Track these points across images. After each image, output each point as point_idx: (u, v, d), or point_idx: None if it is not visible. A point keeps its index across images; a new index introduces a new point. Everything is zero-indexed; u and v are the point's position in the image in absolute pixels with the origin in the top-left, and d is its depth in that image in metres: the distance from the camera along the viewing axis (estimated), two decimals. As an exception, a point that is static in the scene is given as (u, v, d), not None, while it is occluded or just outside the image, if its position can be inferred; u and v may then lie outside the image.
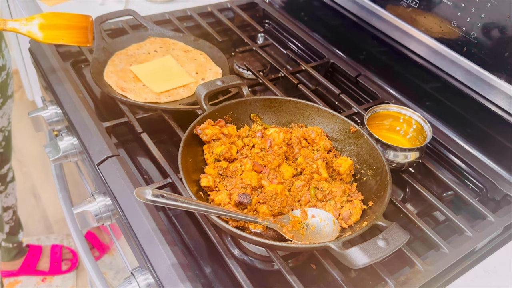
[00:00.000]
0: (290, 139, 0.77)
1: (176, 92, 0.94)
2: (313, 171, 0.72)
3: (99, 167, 0.77)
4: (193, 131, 0.73)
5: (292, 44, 1.25)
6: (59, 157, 0.89)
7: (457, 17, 0.87)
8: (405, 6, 0.97)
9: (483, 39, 0.84)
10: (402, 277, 0.65)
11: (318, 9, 1.23)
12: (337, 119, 0.80)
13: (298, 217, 0.66)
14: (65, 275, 1.77)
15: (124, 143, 0.90)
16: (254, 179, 0.68)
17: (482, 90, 0.88)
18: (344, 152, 0.79)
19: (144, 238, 0.66)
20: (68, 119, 0.87)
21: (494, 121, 0.88)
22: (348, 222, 0.67)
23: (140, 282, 0.67)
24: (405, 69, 1.05)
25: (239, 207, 0.66)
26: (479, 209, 0.77)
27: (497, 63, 0.83)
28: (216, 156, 0.73)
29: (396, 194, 0.87)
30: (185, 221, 0.77)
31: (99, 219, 0.76)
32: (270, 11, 1.28)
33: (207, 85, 0.78)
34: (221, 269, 0.70)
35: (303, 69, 1.08)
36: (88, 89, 1.00)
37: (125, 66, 0.98)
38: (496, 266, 0.73)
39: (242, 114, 0.81)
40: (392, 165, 0.80)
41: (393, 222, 0.60)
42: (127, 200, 0.71)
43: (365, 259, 0.54)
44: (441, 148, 0.92)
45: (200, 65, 1.03)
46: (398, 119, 0.87)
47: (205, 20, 1.19)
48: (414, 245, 0.77)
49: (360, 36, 1.13)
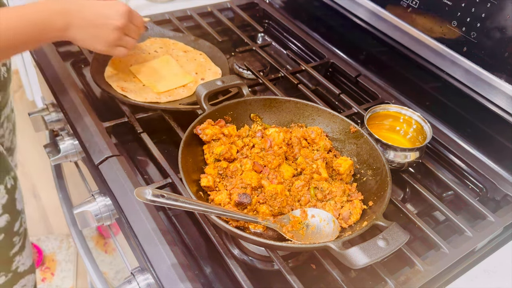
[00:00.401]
0: (290, 139, 0.77)
1: (176, 92, 0.94)
2: (313, 171, 0.72)
3: (99, 167, 0.77)
4: (193, 131, 0.73)
5: (292, 44, 1.25)
6: (59, 157, 0.89)
7: (457, 17, 0.87)
8: (405, 6, 0.97)
9: (483, 39, 0.84)
10: (402, 277, 0.65)
11: (318, 9, 1.23)
12: (337, 119, 0.80)
13: (298, 217, 0.66)
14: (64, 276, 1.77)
15: (124, 143, 0.90)
16: (254, 179, 0.68)
17: (482, 90, 0.88)
18: (344, 152, 0.79)
19: (144, 238, 0.66)
20: (68, 119, 0.87)
21: (494, 121, 0.88)
22: (348, 222, 0.67)
23: (140, 282, 0.67)
24: (405, 69, 1.05)
25: (239, 207, 0.66)
26: (479, 209, 0.77)
27: (497, 63, 0.83)
28: (216, 156, 0.73)
29: (396, 194, 0.87)
30: (185, 221, 0.77)
31: (99, 219, 0.76)
32: (270, 11, 1.28)
33: (207, 85, 0.78)
34: (221, 269, 0.70)
35: (303, 69, 1.08)
36: (88, 89, 1.00)
37: (125, 66, 0.98)
38: (496, 266, 0.73)
39: (242, 114, 0.81)
40: (392, 165, 0.80)
41: (393, 222, 0.60)
42: (127, 200, 0.71)
43: (365, 259, 0.54)
44: (441, 148, 0.92)
45: (200, 65, 1.03)
46: (398, 119, 0.87)
47: (205, 20, 1.19)
48: (414, 245, 0.77)
49: (360, 36, 1.13)
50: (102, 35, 0.78)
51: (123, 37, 0.82)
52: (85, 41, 0.78)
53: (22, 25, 0.68)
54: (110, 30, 0.78)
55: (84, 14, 0.74)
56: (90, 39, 0.78)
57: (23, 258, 1.03)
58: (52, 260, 1.82)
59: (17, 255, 1.00)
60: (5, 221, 0.94)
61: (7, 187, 0.93)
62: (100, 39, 0.79)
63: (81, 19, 0.74)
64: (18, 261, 1.01)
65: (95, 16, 0.76)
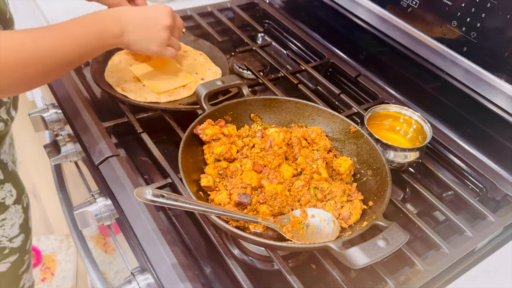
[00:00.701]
0: (290, 139, 0.77)
1: (176, 92, 0.94)
2: (313, 171, 0.72)
3: (99, 167, 0.77)
4: (193, 131, 0.73)
5: (292, 44, 1.25)
6: (59, 157, 0.89)
7: (457, 17, 0.87)
8: (405, 6, 0.97)
9: (483, 39, 0.84)
10: (402, 277, 0.65)
11: (318, 9, 1.23)
12: (337, 119, 0.80)
13: (298, 217, 0.66)
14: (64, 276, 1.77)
15: (124, 143, 0.90)
16: (254, 179, 0.68)
17: (482, 90, 0.88)
18: (344, 152, 0.79)
19: (144, 238, 0.66)
20: (68, 119, 0.87)
21: (494, 121, 0.88)
22: (348, 222, 0.67)
23: (140, 282, 0.67)
24: (405, 69, 1.05)
25: (239, 207, 0.66)
26: (479, 209, 0.77)
27: (497, 63, 0.83)
28: (216, 156, 0.73)
29: (396, 194, 0.87)
30: (185, 221, 0.77)
31: (99, 219, 0.76)
32: (270, 11, 1.28)
33: (207, 85, 0.78)
34: (221, 269, 0.70)
35: (303, 69, 1.08)
36: (88, 89, 1.00)
37: (125, 66, 0.98)
38: (496, 266, 0.73)
39: (242, 114, 0.81)
40: (392, 165, 0.80)
41: (393, 222, 0.60)
42: (127, 200, 0.71)
43: (365, 259, 0.54)
44: (441, 148, 0.92)
45: (200, 65, 1.03)
46: (398, 119, 0.87)
47: (205, 20, 1.19)
48: (414, 245, 0.77)
49: (360, 36, 1.13)
50: (154, 36, 0.82)
51: (171, 37, 0.86)
52: (139, 43, 0.81)
53: (85, 35, 0.72)
54: (160, 30, 0.83)
55: (134, 19, 0.79)
56: (143, 41, 0.81)
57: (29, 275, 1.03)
58: (52, 260, 1.82)
59: (25, 273, 1.00)
60: (21, 240, 0.94)
61: (23, 206, 0.93)
62: (153, 40, 0.82)
63: (132, 24, 0.78)
64: (25, 279, 1.01)
65: (144, 19, 0.81)
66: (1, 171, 0.86)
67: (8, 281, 0.95)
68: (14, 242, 0.92)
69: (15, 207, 0.90)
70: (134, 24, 0.79)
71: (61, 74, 0.74)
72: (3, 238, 0.89)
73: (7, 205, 0.88)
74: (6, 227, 0.89)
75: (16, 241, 0.92)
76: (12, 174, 0.91)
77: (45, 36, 0.66)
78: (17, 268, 0.96)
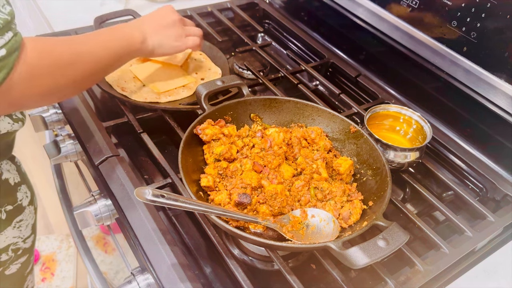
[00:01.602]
0: (290, 139, 0.77)
1: (176, 92, 0.94)
2: (313, 171, 0.72)
3: (99, 167, 0.77)
4: (193, 131, 0.73)
5: (292, 44, 1.25)
6: (59, 157, 0.89)
7: (457, 17, 0.87)
8: (405, 6, 0.97)
9: (483, 39, 0.84)
10: (402, 277, 0.65)
11: (318, 9, 1.23)
12: (337, 119, 0.80)
13: (298, 217, 0.66)
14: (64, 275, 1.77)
15: (124, 143, 0.90)
16: (254, 179, 0.68)
17: (482, 90, 0.88)
18: (344, 152, 0.79)
19: (144, 238, 0.66)
20: (68, 119, 0.87)
21: (494, 121, 0.88)
22: (348, 222, 0.67)
23: (140, 282, 0.67)
24: (405, 69, 1.05)
25: (239, 207, 0.66)
26: (479, 209, 0.77)
27: (497, 63, 0.83)
28: (216, 156, 0.73)
29: (396, 194, 0.87)
30: (185, 221, 0.77)
31: (99, 219, 0.76)
32: (270, 11, 1.28)
33: (207, 85, 0.78)
34: (221, 269, 0.70)
35: (303, 69, 1.08)
36: (88, 89, 1.00)
37: (125, 66, 0.98)
38: (496, 266, 0.73)
39: (242, 114, 0.81)
40: (392, 165, 0.80)
41: (393, 222, 0.60)
42: (127, 200, 0.71)
43: (365, 259, 0.54)
44: (441, 148, 0.92)
45: (200, 65, 1.03)
46: (398, 119, 0.87)
47: (205, 20, 1.19)
48: (414, 245, 0.77)
49: (360, 36, 1.13)
50: (171, 32, 0.87)
51: (185, 28, 0.90)
52: (162, 44, 0.85)
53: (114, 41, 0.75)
54: (175, 25, 0.88)
55: (150, 22, 0.85)
56: (164, 39, 0.85)
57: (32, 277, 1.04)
58: (52, 260, 1.82)
59: (30, 274, 1.00)
60: (31, 241, 0.95)
61: (35, 207, 0.94)
62: (172, 36, 0.87)
63: (150, 27, 0.84)
64: (29, 280, 1.01)
65: (159, 20, 0.86)
66: (17, 173, 0.87)
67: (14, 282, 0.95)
68: (26, 243, 0.93)
69: (29, 208, 0.91)
70: (151, 26, 0.84)
71: (94, 81, 0.77)
72: (19, 239, 0.90)
73: (24, 206, 0.89)
74: (22, 228, 0.90)
75: (28, 241, 0.93)
76: (25, 176, 0.92)
77: (84, 41, 0.71)
78: (24, 269, 0.96)
